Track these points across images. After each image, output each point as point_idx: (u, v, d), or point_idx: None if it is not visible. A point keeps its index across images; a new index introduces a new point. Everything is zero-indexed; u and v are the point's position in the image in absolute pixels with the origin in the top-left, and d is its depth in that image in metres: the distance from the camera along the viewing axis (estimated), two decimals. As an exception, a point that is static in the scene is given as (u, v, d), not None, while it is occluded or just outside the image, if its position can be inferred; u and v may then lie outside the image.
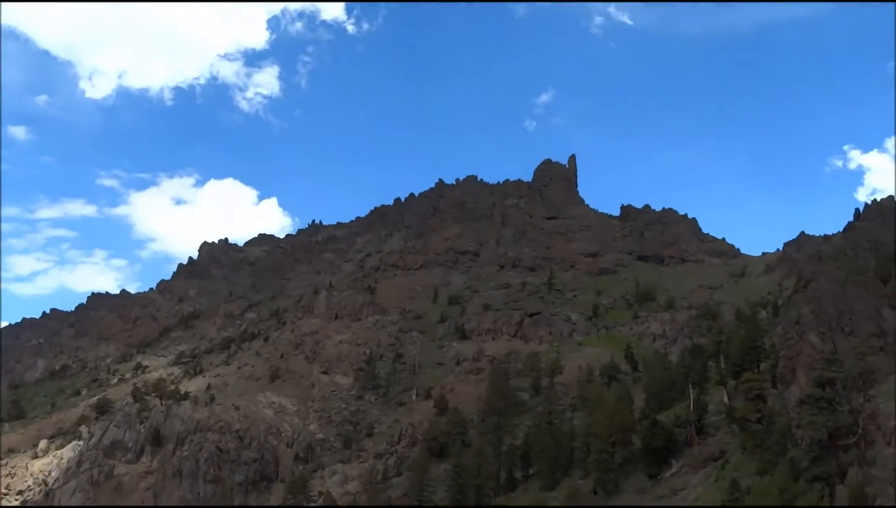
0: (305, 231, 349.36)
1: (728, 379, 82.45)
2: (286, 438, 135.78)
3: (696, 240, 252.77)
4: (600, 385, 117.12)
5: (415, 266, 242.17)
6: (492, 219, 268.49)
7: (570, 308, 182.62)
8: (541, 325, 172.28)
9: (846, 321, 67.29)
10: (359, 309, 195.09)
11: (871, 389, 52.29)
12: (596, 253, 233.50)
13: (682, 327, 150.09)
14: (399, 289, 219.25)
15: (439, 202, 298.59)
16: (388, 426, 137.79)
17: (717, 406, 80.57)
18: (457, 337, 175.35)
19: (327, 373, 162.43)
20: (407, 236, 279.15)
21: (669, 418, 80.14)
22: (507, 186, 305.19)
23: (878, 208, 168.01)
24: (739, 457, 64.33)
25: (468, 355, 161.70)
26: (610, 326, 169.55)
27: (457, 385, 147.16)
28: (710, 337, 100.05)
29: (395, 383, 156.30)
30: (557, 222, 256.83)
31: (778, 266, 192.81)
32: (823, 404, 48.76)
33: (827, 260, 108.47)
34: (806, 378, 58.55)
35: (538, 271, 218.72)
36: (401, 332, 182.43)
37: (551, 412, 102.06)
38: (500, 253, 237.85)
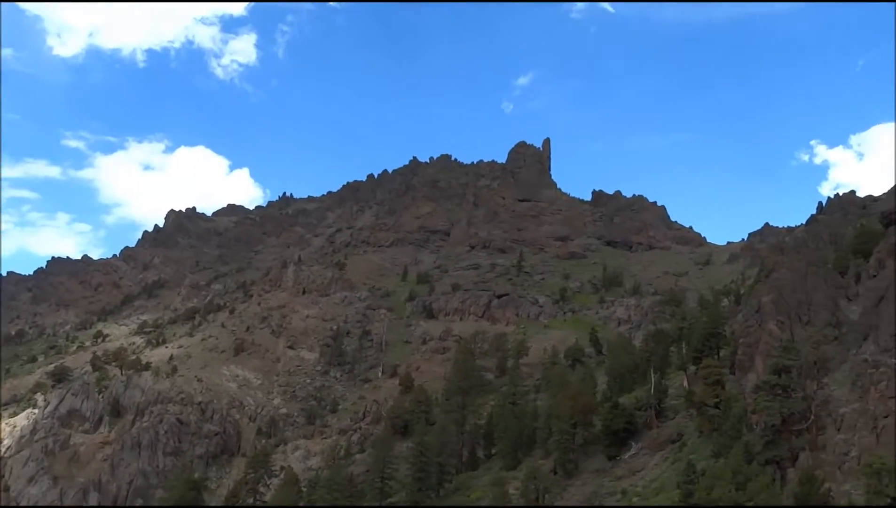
0: (276, 204, 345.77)
1: (689, 364, 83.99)
2: (249, 412, 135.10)
3: (664, 227, 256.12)
4: (564, 368, 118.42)
5: (385, 243, 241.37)
6: (464, 199, 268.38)
7: (538, 291, 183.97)
8: (508, 307, 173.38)
9: (804, 311, 68.77)
10: (327, 285, 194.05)
11: (824, 377, 53.60)
12: (566, 237, 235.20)
13: (647, 312, 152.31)
14: (368, 266, 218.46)
15: (412, 180, 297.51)
16: (353, 402, 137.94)
17: (678, 391, 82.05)
18: (424, 316, 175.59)
19: (293, 348, 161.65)
20: (379, 213, 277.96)
21: (630, 401, 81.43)
22: (480, 166, 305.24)
23: (839, 202, 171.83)
24: (696, 440, 65.73)
25: (435, 334, 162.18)
26: (577, 309, 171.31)
27: (423, 364, 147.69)
28: (673, 323, 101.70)
29: (361, 360, 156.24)
30: (529, 204, 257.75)
31: (742, 256, 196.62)
32: (779, 390, 49.81)
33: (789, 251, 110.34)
34: (763, 365, 59.83)
35: (508, 252, 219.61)
36: (369, 309, 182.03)
37: (515, 392, 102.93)
38: (471, 233, 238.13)
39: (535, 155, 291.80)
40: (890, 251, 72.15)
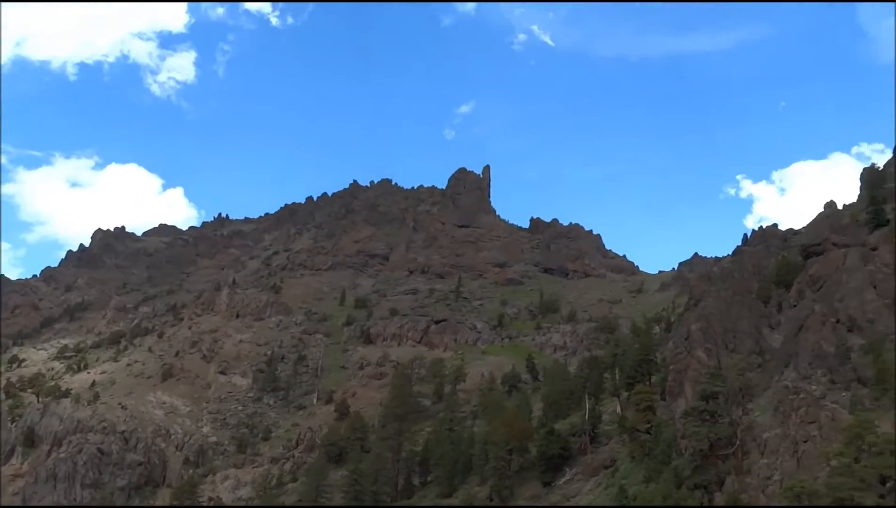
0: (211, 224, 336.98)
1: (622, 390, 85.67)
2: (176, 440, 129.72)
3: (599, 255, 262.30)
4: (501, 394, 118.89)
5: (323, 267, 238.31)
6: (404, 223, 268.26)
7: (476, 317, 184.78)
8: (446, 332, 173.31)
9: (730, 339, 71.46)
10: (262, 308, 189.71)
11: (749, 403, 55.67)
12: (504, 263, 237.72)
13: (582, 338, 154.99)
14: (305, 289, 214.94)
15: (352, 203, 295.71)
16: (287, 430, 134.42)
17: (611, 416, 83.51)
18: (362, 341, 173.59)
19: (224, 373, 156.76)
20: (317, 236, 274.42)
21: (565, 427, 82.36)
22: (421, 191, 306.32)
23: (763, 234, 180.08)
24: (628, 465, 66.89)
25: (372, 359, 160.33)
26: (514, 335, 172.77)
27: (359, 390, 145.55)
28: (607, 350, 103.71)
29: (296, 385, 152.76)
30: (468, 230, 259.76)
31: (672, 284, 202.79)
32: (706, 416, 51.42)
33: (716, 281, 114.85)
34: (692, 391, 61.68)
35: (447, 278, 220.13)
36: (305, 334, 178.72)
37: (452, 418, 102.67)
38: (410, 258, 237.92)
39: (475, 181, 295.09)
40: (809, 283, 76.05)
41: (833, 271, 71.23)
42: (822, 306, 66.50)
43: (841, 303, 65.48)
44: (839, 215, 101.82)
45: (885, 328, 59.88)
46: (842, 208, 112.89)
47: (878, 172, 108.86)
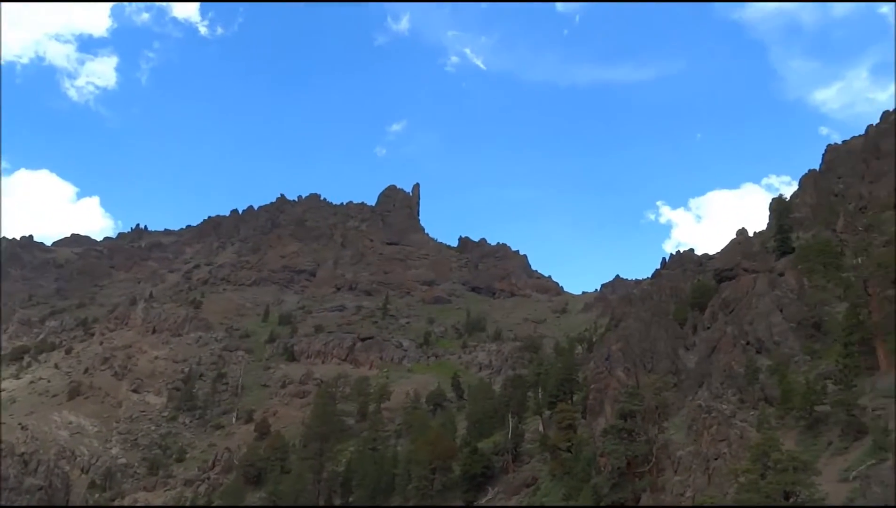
0: (128, 235, 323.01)
1: (544, 409, 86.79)
2: (81, 463, 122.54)
3: (526, 276, 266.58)
4: (426, 412, 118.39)
5: (247, 282, 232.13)
6: (332, 239, 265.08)
7: (402, 335, 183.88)
8: (372, 350, 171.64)
9: (648, 359, 73.77)
10: (180, 324, 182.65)
11: (665, 421, 57.39)
12: (432, 281, 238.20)
13: (507, 357, 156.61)
14: (227, 305, 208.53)
15: (279, 218, 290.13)
16: (202, 450, 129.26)
17: (534, 435, 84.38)
18: (285, 359, 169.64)
19: (137, 391, 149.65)
20: (241, 250, 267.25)
21: (489, 445, 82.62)
22: (350, 207, 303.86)
23: (680, 259, 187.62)
24: (549, 483, 67.59)
25: (295, 377, 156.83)
26: (440, 354, 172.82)
27: (281, 409, 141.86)
28: (531, 369, 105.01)
29: (214, 404, 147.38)
30: (397, 247, 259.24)
31: (595, 305, 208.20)
32: (624, 434, 52.62)
33: (636, 303, 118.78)
34: (611, 410, 63.14)
35: (374, 295, 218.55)
36: (225, 350, 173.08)
37: (376, 438, 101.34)
38: (338, 275, 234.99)
39: (405, 199, 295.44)
40: (721, 306, 79.52)
41: (743, 295, 74.74)
42: (733, 328, 69.61)
43: (750, 326, 68.69)
44: (750, 242, 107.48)
45: (790, 350, 63.19)
46: (752, 235, 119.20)
47: (785, 202, 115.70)
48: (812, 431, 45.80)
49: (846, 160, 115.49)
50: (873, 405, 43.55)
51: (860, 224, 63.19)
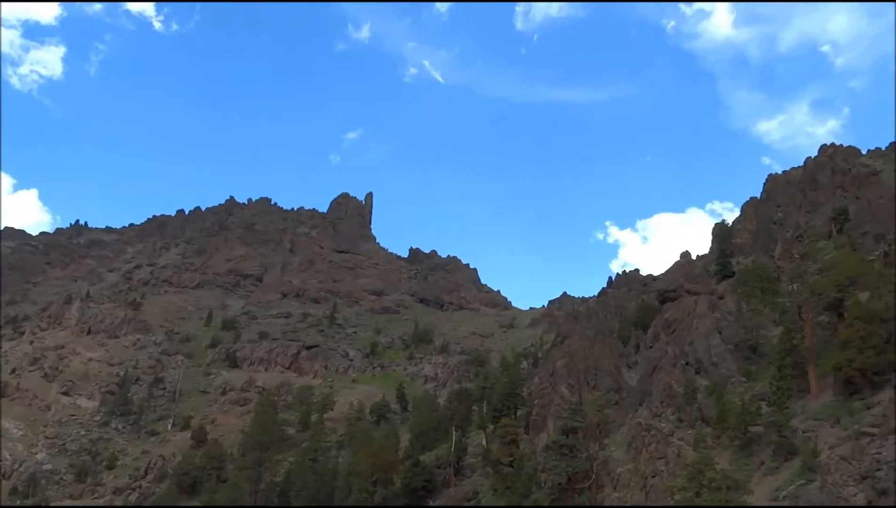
0: (66, 231, 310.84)
1: (488, 423, 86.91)
2: (3, 468, 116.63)
3: (475, 289, 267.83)
4: (369, 424, 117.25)
5: (190, 284, 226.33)
6: (281, 245, 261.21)
7: (348, 344, 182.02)
8: (317, 358, 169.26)
9: (592, 376, 74.82)
10: (118, 325, 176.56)
11: (605, 438, 58.24)
12: (381, 291, 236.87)
13: (453, 370, 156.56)
14: (169, 307, 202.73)
15: (227, 220, 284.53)
16: (135, 457, 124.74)
17: (476, 449, 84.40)
18: (227, 365, 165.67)
19: (68, 394, 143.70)
20: (186, 252, 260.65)
21: (431, 458, 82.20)
22: (301, 213, 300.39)
23: (625, 278, 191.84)
24: (490, 498, 67.63)
25: (237, 384, 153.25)
26: (386, 364, 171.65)
27: (220, 416, 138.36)
28: (476, 382, 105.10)
29: (150, 410, 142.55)
30: (347, 256, 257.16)
31: (542, 321, 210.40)
32: (566, 450, 53.19)
33: (581, 320, 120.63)
34: (554, 426, 63.74)
35: (322, 303, 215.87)
36: (164, 354, 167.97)
37: (317, 448, 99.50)
38: (285, 281, 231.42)
39: (357, 208, 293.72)
40: (664, 326, 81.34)
41: (685, 316, 76.66)
42: (674, 348, 71.24)
43: (690, 346, 70.44)
44: (693, 265, 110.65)
45: (727, 371, 65.02)
46: (695, 258, 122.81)
47: (727, 228, 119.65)
48: (746, 451, 47.09)
49: (785, 190, 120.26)
50: (804, 427, 45.09)
51: (796, 252, 65.69)
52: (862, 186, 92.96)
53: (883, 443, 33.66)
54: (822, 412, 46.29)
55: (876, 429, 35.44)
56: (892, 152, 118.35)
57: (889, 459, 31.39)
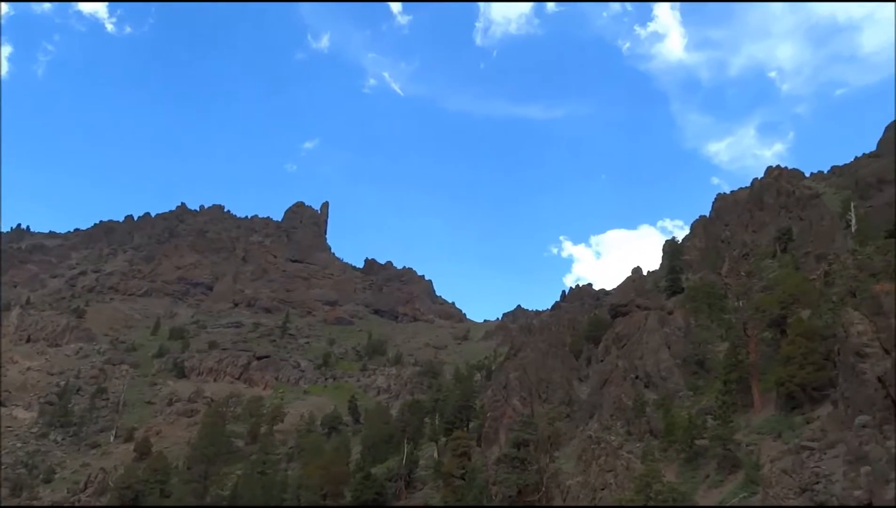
0: (6, 236, 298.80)
1: (440, 436, 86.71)
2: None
3: (430, 301, 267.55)
4: (320, 436, 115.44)
5: (137, 292, 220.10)
6: (233, 253, 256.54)
7: (301, 355, 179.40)
8: (268, 369, 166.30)
9: (544, 389, 75.46)
10: (59, 333, 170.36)
11: (556, 451, 58.69)
12: (335, 302, 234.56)
13: (406, 382, 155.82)
14: (114, 315, 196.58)
15: (178, 227, 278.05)
16: (74, 470, 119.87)
17: (428, 462, 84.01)
18: (174, 375, 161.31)
19: (4, 405, 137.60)
20: (134, 258, 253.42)
21: (383, 471, 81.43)
22: (255, 221, 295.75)
23: (578, 293, 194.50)
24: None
25: (184, 395, 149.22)
26: (339, 376, 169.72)
27: (165, 428, 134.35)
28: (429, 394, 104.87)
29: (91, 421, 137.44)
30: (301, 265, 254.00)
31: (496, 334, 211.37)
32: (517, 463, 53.35)
33: (535, 333, 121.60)
34: (506, 438, 63.93)
35: (274, 313, 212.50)
36: (108, 364, 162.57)
37: (266, 461, 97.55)
38: (237, 290, 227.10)
39: (313, 217, 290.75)
40: (615, 340, 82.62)
41: (635, 330, 78.05)
42: (624, 362, 72.42)
43: (640, 360, 71.71)
44: (644, 281, 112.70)
45: (675, 386, 66.38)
46: (646, 274, 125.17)
47: (677, 245, 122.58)
48: (692, 464, 48.01)
49: (733, 209, 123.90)
50: (747, 440, 46.23)
51: (742, 270, 67.66)
52: (805, 208, 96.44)
53: (822, 457, 34.72)
54: (765, 426, 47.56)
55: (815, 443, 36.56)
56: (833, 176, 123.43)
57: (827, 472, 32.40)
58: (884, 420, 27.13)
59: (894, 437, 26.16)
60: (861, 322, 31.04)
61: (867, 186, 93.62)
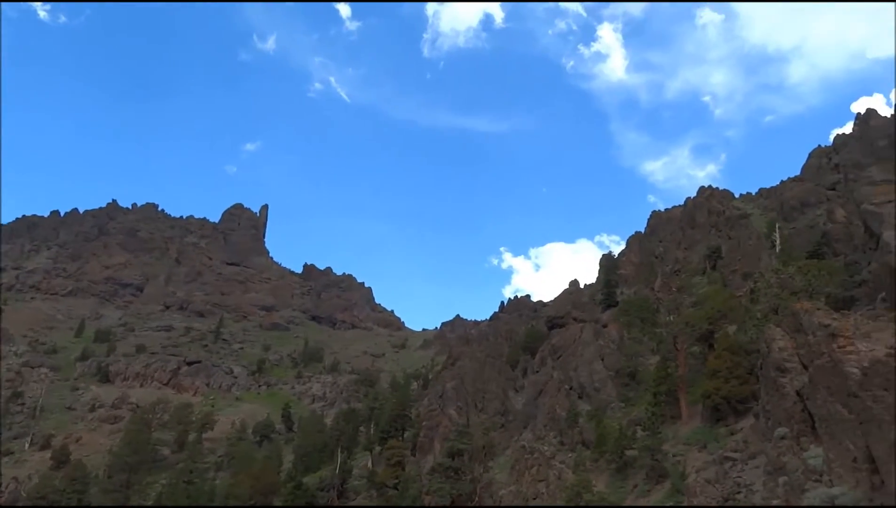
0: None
1: (375, 445, 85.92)
2: None
3: (369, 308, 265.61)
4: (251, 444, 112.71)
5: (61, 292, 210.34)
6: (166, 254, 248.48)
7: (234, 360, 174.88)
8: (199, 375, 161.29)
9: (480, 399, 75.78)
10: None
11: (490, 461, 58.91)
12: (271, 307, 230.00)
13: (342, 390, 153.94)
14: (34, 315, 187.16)
15: (108, 225, 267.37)
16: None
17: (362, 471, 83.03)
18: (98, 379, 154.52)
19: None
20: (59, 256, 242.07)
21: (315, 481, 79.99)
22: (190, 222, 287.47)
23: (517, 304, 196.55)
24: (373, 522, 66.56)
25: (107, 401, 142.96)
26: (273, 383, 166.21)
27: (86, 435, 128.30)
28: (365, 403, 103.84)
29: (5, 427, 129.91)
30: (238, 269, 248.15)
31: (434, 343, 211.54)
32: (451, 472, 53.28)
33: (473, 343, 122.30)
34: (441, 448, 63.81)
35: (208, 316, 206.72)
36: (26, 366, 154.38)
37: (193, 470, 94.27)
38: (169, 292, 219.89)
39: (251, 219, 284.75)
40: (551, 351, 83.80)
41: (571, 342, 79.37)
42: (559, 373, 73.49)
43: (575, 372, 72.89)
44: (580, 293, 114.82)
45: (607, 397, 67.70)
46: (583, 287, 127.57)
47: (613, 259, 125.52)
48: (621, 474, 48.96)
49: (667, 227, 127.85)
50: (674, 451, 47.47)
51: (674, 285, 69.82)
52: (734, 228, 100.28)
53: (743, 467, 35.95)
54: (691, 437, 48.95)
55: (738, 454, 37.83)
56: (760, 198, 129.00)
57: (748, 482, 33.55)
58: (801, 433, 28.30)
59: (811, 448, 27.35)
60: (782, 338, 32.36)
61: (791, 209, 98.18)
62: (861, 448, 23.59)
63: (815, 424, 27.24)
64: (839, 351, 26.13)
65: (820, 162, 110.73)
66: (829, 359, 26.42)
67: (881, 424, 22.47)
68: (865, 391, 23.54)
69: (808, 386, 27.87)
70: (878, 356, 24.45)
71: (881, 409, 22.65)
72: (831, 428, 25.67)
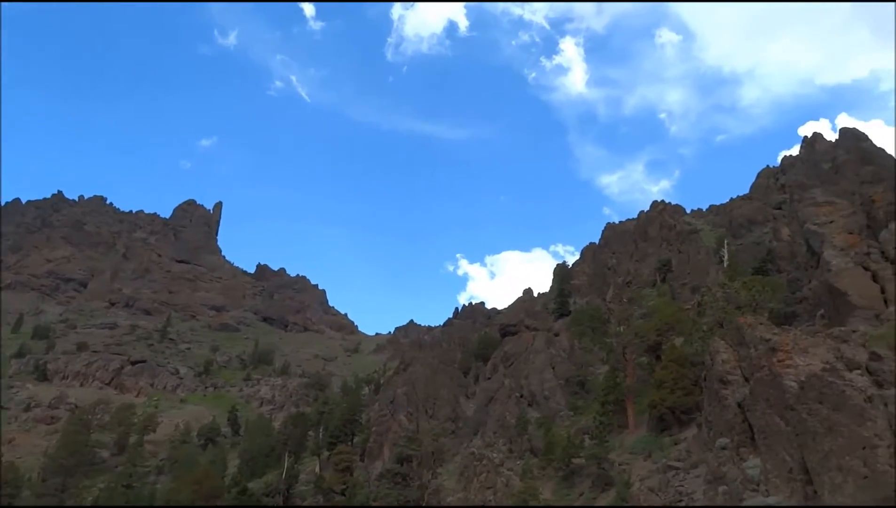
0: None
1: (323, 450, 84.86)
2: None
3: (322, 311, 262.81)
4: (195, 447, 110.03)
5: None
6: (113, 249, 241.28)
7: (180, 361, 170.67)
8: (143, 375, 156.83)
9: (431, 405, 75.67)
10: None
11: (439, 467, 58.82)
12: (222, 307, 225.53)
13: (292, 394, 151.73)
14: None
15: (52, 217, 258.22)
16: None
17: (309, 476, 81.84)
18: (35, 377, 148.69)
19: None
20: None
21: (260, 486, 78.52)
22: (139, 217, 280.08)
23: (471, 310, 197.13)
24: (319, 528, 65.64)
25: (44, 400, 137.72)
26: (220, 385, 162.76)
27: (20, 436, 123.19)
28: (314, 407, 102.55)
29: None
30: (188, 267, 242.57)
31: (387, 347, 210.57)
32: (399, 479, 53.08)
33: (426, 348, 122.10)
34: (390, 454, 63.46)
35: (155, 315, 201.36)
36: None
37: (133, 473, 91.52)
38: (115, 288, 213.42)
39: (204, 216, 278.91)
40: (503, 359, 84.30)
41: (523, 350, 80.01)
42: (510, 381, 73.94)
43: (526, 380, 73.46)
44: (534, 302, 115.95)
45: (557, 405, 68.40)
46: (536, 295, 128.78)
47: (567, 269, 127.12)
48: (568, 481, 49.47)
49: (620, 239, 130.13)
50: (620, 459, 48.22)
51: (625, 296, 71.10)
52: (684, 242, 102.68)
53: (685, 476, 36.75)
54: (637, 446, 49.82)
55: (681, 463, 38.66)
56: (710, 214, 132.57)
57: (690, 491, 34.30)
58: (741, 443, 29.08)
59: (749, 459, 28.11)
60: (726, 351, 33.23)
61: (739, 226, 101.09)
62: (797, 460, 24.37)
63: (755, 435, 28.02)
64: (778, 365, 26.96)
65: (768, 182, 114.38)
66: (769, 372, 27.24)
67: (815, 436, 23.26)
68: (801, 405, 24.34)
69: (749, 398, 28.65)
70: (814, 370, 25.32)
71: (815, 422, 23.45)
72: (769, 440, 26.45)
